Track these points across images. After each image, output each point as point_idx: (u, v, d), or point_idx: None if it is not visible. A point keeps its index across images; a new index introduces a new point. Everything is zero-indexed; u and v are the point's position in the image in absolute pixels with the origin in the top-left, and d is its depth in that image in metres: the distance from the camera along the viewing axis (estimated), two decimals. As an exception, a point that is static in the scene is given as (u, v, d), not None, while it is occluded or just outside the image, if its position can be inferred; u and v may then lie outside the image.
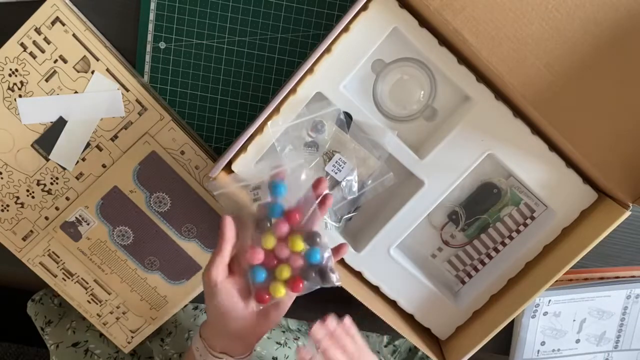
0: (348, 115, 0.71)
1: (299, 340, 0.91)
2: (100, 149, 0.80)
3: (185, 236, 0.85)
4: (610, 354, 0.93)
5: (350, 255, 0.76)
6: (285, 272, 0.64)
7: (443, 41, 0.69)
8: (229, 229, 0.64)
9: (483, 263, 0.80)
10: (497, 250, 0.79)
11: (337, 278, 0.63)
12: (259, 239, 0.63)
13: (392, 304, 0.79)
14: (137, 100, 0.78)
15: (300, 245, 0.63)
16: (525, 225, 0.78)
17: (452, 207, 0.78)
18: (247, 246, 0.64)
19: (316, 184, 0.64)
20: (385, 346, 1.03)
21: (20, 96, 0.77)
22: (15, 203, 0.82)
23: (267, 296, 0.64)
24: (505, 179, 0.76)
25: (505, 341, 0.92)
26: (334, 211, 0.74)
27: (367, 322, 0.89)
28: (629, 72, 0.64)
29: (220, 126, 0.81)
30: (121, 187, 0.82)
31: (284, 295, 0.64)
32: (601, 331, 0.91)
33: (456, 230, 0.79)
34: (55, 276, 0.86)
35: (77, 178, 0.81)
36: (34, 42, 0.75)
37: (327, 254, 0.63)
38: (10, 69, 0.76)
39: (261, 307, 0.65)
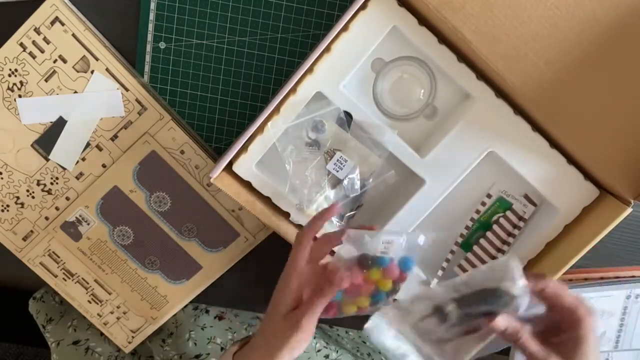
0: (348, 115, 0.71)
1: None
2: (100, 149, 0.80)
3: (185, 236, 0.85)
4: (610, 354, 0.93)
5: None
6: (365, 302, 0.64)
7: (442, 39, 0.69)
8: (345, 282, 0.61)
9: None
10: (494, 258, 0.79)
11: None
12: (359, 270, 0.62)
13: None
14: (136, 100, 0.78)
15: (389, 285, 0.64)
16: (518, 227, 0.78)
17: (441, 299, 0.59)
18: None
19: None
20: (386, 346, 1.02)
21: (20, 96, 0.77)
22: (16, 203, 0.82)
23: (335, 310, 0.64)
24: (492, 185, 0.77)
25: (505, 341, 0.92)
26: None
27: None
28: (629, 69, 0.64)
29: (220, 126, 0.81)
30: (121, 187, 0.82)
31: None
32: (601, 331, 0.91)
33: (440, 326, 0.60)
34: (56, 276, 0.86)
35: (77, 178, 0.81)
36: (34, 42, 0.75)
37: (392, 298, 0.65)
38: (10, 69, 0.76)
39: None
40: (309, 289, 0.62)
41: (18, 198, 0.82)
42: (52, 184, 0.81)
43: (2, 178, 0.81)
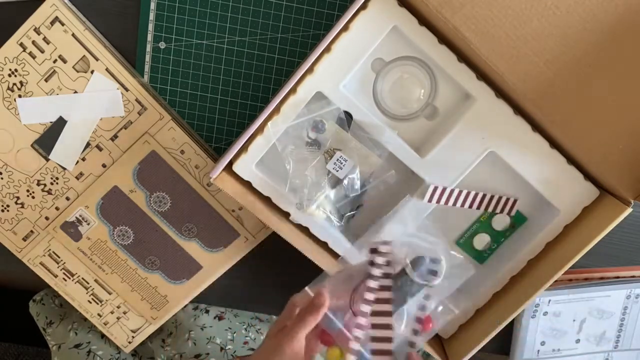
0: (348, 114, 0.71)
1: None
2: (100, 149, 0.80)
3: (185, 236, 0.85)
4: (610, 354, 0.93)
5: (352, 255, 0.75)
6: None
7: (442, 39, 0.69)
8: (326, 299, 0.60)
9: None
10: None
11: None
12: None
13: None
14: (136, 100, 0.78)
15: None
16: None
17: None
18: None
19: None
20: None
21: (20, 96, 0.77)
22: (16, 203, 0.82)
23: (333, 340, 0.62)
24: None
25: (505, 341, 0.92)
26: (336, 209, 0.74)
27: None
28: (628, 69, 0.64)
29: (220, 126, 0.81)
30: (121, 187, 0.82)
31: None
32: (601, 331, 0.91)
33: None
34: (56, 276, 0.86)
35: (77, 178, 0.81)
36: (34, 42, 0.75)
37: None
38: (10, 69, 0.76)
39: None
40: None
41: (18, 198, 0.82)
42: (52, 184, 0.81)
43: (2, 178, 0.81)
